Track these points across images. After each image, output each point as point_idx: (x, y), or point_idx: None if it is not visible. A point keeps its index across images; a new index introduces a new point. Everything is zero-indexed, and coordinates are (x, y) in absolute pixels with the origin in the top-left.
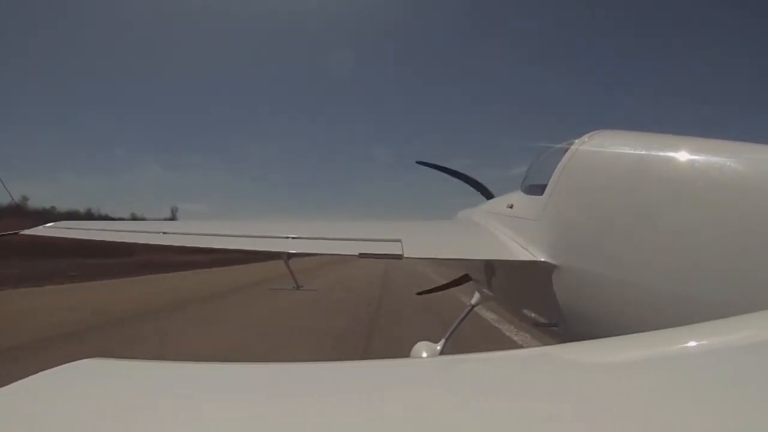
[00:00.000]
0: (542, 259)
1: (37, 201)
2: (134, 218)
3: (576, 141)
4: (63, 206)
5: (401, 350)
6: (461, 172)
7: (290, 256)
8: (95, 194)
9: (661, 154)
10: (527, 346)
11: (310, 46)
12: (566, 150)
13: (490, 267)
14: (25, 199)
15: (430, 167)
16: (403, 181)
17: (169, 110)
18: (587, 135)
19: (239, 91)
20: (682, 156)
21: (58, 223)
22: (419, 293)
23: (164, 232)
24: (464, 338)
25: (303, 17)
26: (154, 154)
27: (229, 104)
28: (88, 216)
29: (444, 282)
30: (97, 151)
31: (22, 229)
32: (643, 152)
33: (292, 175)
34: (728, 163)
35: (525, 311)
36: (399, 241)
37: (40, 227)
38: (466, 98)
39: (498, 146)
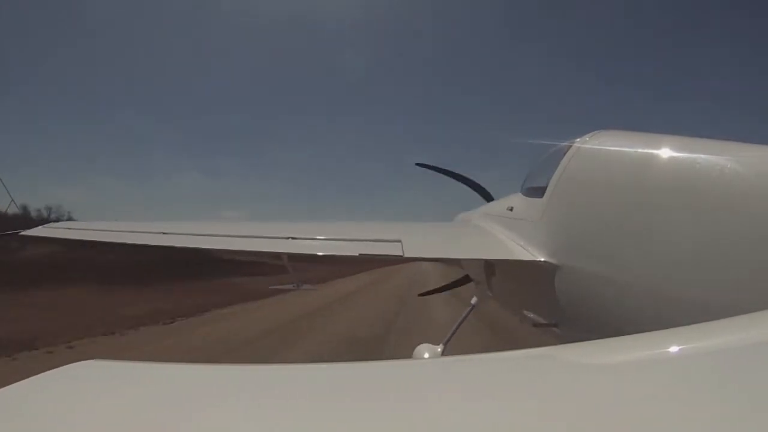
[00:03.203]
0: (543, 259)
1: (73, 206)
2: None
3: (576, 141)
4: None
5: None
6: (459, 173)
7: (290, 256)
8: (134, 200)
9: (662, 154)
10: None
11: (348, 51)
12: (566, 151)
13: (490, 267)
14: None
15: (430, 169)
16: (430, 182)
17: (208, 117)
18: (587, 135)
19: (279, 96)
20: (682, 156)
21: (58, 223)
22: (421, 294)
23: (164, 233)
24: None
25: (334, 25)
26: (193, 161)
27: (270, 109)
28: None
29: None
30: (135, 156)
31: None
32: (643, 152)
33: (332, 180)
34: (728, 164)
35: (525, 311)
36: (399, 241)
37: (40, 227)
38: (495, 107)
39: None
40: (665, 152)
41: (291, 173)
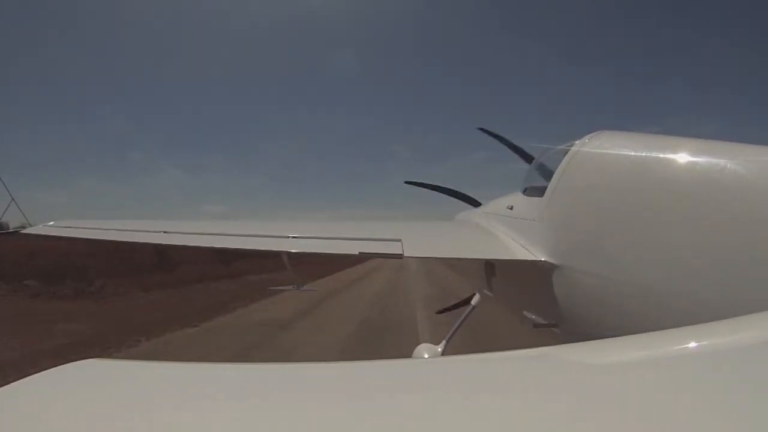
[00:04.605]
0: (543, 259)
1: (57, 208)
2: None
3: (576, 142)
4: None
5: None
6: (446, 186)
7: (290, 255)
8: (116, 200)
9: (662, 155)
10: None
11: (325, 46)
12: (567, 151)
13: (490, 267)
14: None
15: (418, 186)
16: (421, 174)
17: (188, 112)
18: (588, 136)
19: (257, 90)
20: (683, 157)
21: (58, 221)
22: (439, 312)
23: (165, 232)
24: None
25: (315, 18)
26: (172, 156)
27: (248, 105)
28: None
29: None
30: (114, 155)
31: None
32: (643, 153)
33: (314, 174)
34: (728, 165)
35: (525, 311)
36: (399, 240)
37: (40, 226)
38: (484, 91)
39: (522, 138)
40: (666, 153)
41: (273, 168)
